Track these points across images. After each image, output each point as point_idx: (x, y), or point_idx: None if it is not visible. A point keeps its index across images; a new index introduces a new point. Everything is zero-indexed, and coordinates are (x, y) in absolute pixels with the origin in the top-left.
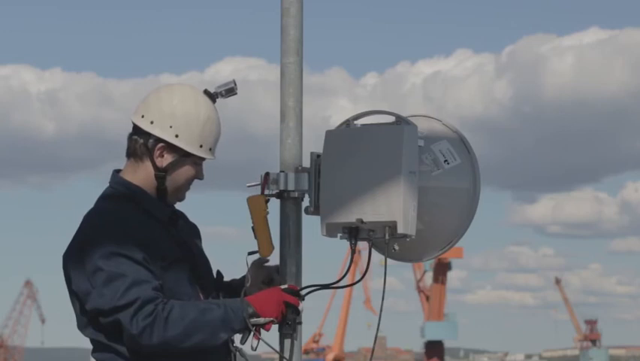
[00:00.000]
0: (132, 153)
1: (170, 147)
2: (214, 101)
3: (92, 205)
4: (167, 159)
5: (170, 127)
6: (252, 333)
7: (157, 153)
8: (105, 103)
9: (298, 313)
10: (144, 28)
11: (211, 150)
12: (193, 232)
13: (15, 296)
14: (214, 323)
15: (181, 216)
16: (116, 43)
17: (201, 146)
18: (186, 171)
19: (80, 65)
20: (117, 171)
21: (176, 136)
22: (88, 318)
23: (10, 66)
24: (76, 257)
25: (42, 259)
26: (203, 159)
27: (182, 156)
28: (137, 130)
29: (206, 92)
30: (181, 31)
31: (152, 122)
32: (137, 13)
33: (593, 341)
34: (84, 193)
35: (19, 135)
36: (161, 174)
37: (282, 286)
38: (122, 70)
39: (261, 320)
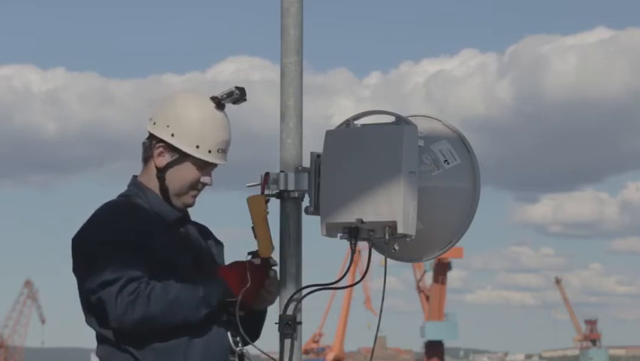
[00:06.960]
0: (143, 156)
1: (169, 147)
2: (220, 106)
3: (93, 205)
4: (166, 159)
5: (168, 126)
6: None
7: (157, 152)
8: (107, 103)
9: (271, 265)
10: (146, 28)
11: (211, 152)
12: (210, 243)
13: (15, 296)
14: (196, 295)
15: (201, 228)
16: (118, 43)
17: (198, 146)
18: (185, 171)
19: (83, 65)
20: (135, 177)
21: (172, 135)
22: (84, 300)
23: (12, 66)
24: (77, 241)
25: (42, 259)
26: (203, 161)
27: (181, 157)
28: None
29: (212, 97)
30: (183, 31)
31: (154, 123)
32: (139, 12)
33: (593, 341)
34: (85, 193)
35: (21, 135)
36: (160, 174)
37: (248, 258)
38: (124, 70)
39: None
